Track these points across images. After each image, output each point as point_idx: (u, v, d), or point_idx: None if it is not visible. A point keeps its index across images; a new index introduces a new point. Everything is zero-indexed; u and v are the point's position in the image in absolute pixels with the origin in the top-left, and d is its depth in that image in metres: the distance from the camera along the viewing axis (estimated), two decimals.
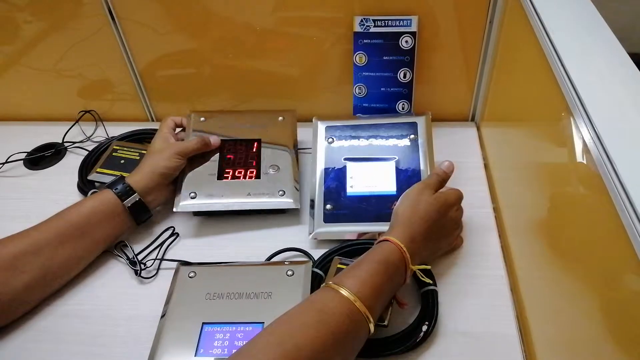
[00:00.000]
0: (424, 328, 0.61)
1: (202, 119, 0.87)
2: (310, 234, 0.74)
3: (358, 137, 0.81)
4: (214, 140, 0.82)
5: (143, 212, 0.74)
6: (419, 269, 0.62)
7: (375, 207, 0.74)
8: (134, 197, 0.72)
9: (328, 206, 0.75)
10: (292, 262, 0.69)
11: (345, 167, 0.79)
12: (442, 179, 0.70)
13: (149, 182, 0.74)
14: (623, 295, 0.41)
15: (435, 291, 0.65)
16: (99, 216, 0.70)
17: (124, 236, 0.75)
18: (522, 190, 0.70)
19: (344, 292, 0.54)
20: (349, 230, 0.73)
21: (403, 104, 0.89)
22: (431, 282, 0.65)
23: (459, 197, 0.70)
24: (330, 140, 0.82)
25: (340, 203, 0.75)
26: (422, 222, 0.63)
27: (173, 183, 0.79)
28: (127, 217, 0.73)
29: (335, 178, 0.78)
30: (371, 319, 0.54)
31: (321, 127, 0.84)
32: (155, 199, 0.76)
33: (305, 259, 0.72)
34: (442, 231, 0.67)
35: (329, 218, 0.74)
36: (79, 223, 0.68)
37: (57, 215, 0.70)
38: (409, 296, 0.66)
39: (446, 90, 0.91)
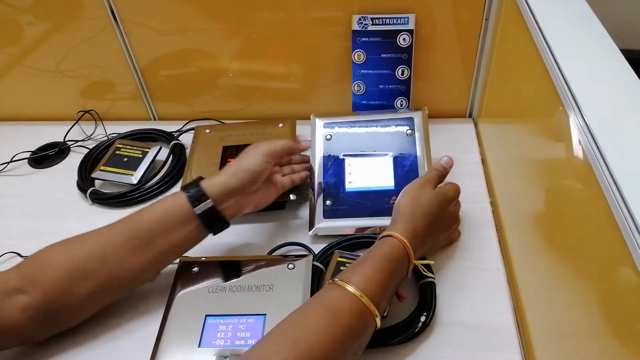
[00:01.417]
0: (422, 319, 0.62)
1: (207, 131, 0.91)
2: (310, 230, 0.75)
3: (355, 133, 0.82)
4: (305, 143, 0.77)
5: (217, 221, 0.65)
6: (421, 264, 0.63)
7: (374, 202, 0.75)
8: (206, 204, 0.63)
9: (328, 202, 0.76)
10: (293, 256, 0.71)
11: (343, 163, 0.80)
12: (442, 174, 0.71)
13: (226, 187, 0.65)
14: (616, 287, 0.41)
15: (433, 283, 0.66)
16: (169, 223, 0.63)
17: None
18: (518, 185, 0.71)
19: (350, 288, 0.54)
20: (349, 225, 0.74)
21: (401, 100, 0.90)
22: (431, 275, 0.66)
23: (457, 191, 0.71)
24: (328, 137, 0.83)
25: (340, 199, 0.76)
26: (423, 217, 0.64)
27: (258, 192, 0.70)
28: (199, 226, 0.64)
29: (334, 174, 0.79)
30: (377, 314, 0.55)
31: (319, 123, 0.84)
32: (232, 206, 0.66)
33: (306, 252, 0.73)
34: (442, 225, 0.68)
35: (329, 214, 0.75)
36: (147, 229, 0.62)
37: (127, 218, 0.64)
38: (408, 288, 0.67)
39: (444, 87, 0.92)
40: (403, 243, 0.60)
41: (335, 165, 0.80)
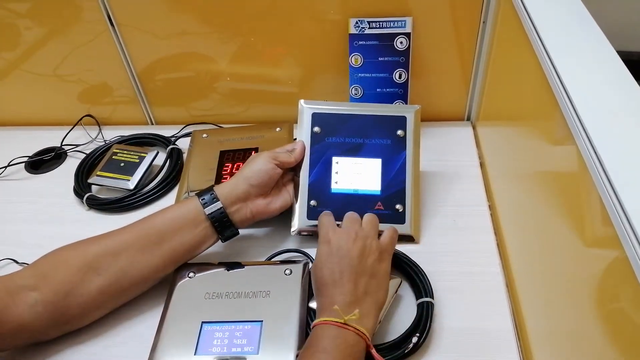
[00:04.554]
0: (414, 340, 0.61)
1: (204, 135, 0.91)
2: (293, 229, 0.73)
3: (345, 129, 0.77)
4: (299, 154, 0.75)
5: (226, 225, 0.67)
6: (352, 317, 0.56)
7: (359, 207, 0.71)
8: (216, 205, 0.66)
9: (312, 202, 0.74)
10: (289, 261, 0.70)
11: (330, 160, 0.76)
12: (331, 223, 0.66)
13: (234, 190, 0.68)
14: (615, 291, 0.41)
15: (431, 304, 0.64)
16: (180, 223, 0.66)
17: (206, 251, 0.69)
18: (517, 188, 0.71)
19: None
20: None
21: (399, 104, 0.89)
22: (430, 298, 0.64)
23: (351, 236, 0.62)
24: (316, 129, 0.77)
25: (325, 200, 0.74)
26: (349, 280, 0.58)
27: (268, 197, 0.72)
28: (209, 228, 0.67)
29: (321, 171, 0.75)
30: None
31: (307, 112, 0.78)
32: (241, 210, 0.68)
33: (303, 258, 0.72)
34: (367, 274, 0.60)
35: (313, 215, 0.73)
36: (160, 229, 0.65)
37: (142, 219, 0.67)
38: (405, 305, 0.66)
39: (441, 90, 0.92)
40: (342, 326, 0.54)
41: (322, 162, 0.75)
